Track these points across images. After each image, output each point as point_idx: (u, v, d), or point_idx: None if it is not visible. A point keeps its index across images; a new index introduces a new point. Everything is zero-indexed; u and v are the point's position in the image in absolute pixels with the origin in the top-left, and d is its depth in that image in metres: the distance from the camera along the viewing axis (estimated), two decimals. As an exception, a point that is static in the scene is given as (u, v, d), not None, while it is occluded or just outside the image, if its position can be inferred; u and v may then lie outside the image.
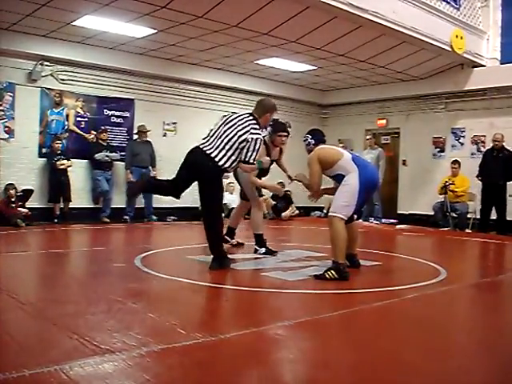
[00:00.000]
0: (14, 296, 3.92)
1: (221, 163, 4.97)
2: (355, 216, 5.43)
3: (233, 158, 5.02)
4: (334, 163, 5.04)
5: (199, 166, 5.03)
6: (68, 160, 9.95)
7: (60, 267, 5.30)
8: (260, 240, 6.41)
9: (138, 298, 4.01)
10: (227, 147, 4.99)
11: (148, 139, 10.86)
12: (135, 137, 10.97)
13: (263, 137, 5.50)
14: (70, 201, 9.98)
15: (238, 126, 5.07)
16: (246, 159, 5.00)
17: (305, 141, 5.39)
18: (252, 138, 4.97)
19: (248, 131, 5.01)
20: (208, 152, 5.00)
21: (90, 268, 5.58)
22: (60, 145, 9.93)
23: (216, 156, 4.98)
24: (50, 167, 9.83)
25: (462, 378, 2.61)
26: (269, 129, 6.30)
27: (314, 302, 4.21)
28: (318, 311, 3.74)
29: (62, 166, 9.83)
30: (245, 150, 4.98)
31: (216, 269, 5.05)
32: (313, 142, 5.32)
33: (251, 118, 5.15)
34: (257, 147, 5.00)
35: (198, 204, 5.71)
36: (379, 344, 3.10)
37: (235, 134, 5.02)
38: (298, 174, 5.58)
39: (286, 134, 6.44)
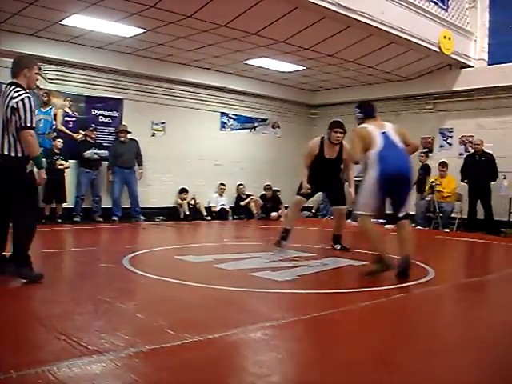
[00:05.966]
0: (1, 297, 3.89)
1: (7, 153, 4.31)
2: (401, 214, 5.50)
3: (12, 138, 4.34)
4: (364, 150, 5.14)
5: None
6: (66, 161, 9.88)
7: (47, 268, 5.25)
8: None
9: (126, 299, 4.00)
10: (5, 133, 4.34)
11: (134, 138, 10.78)
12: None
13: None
14: (65, 201, 9.90)
15: (4, 104, 4.37)
16: (23, 124, 4.28)
17: (356, 114, 5.52)
18: (17, 102, 4.28)
19: (12, 99, 4.32)
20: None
21: (78, 268, 5.55)
22: (60, 143, 9.82)
23: (3, 149, 4.33)
24: (46, 166, 9.61)
25: (449, 377, 2.62)
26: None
27: (302, 302, 4.21)
28: (305, 311, 3.75)
29: (60, 167, 9.75)
30: (17, 116, 4.29)
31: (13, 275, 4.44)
32: (360, 116, 5.44)
33: (10, 87, 4.45)
34: (27, 107, 4.31)
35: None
36: (367, 344, 3.12)
37: (5, 113, 4.34)
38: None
39: (340, 130, 6.64)
